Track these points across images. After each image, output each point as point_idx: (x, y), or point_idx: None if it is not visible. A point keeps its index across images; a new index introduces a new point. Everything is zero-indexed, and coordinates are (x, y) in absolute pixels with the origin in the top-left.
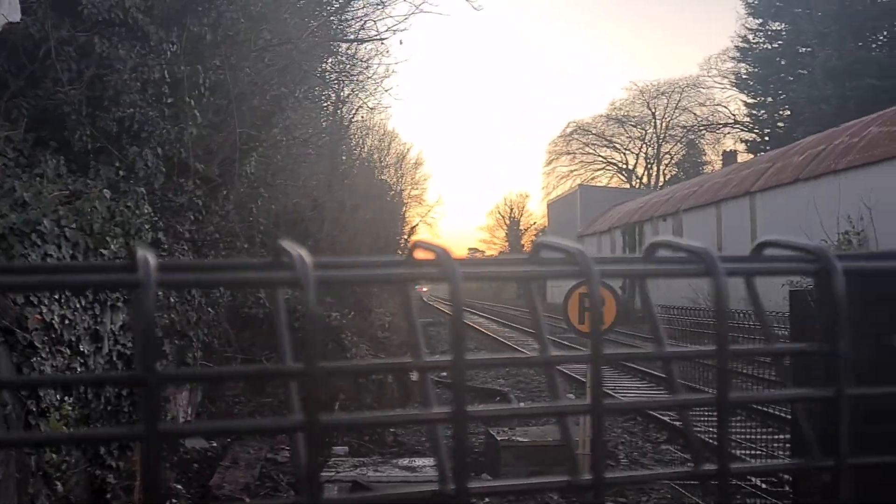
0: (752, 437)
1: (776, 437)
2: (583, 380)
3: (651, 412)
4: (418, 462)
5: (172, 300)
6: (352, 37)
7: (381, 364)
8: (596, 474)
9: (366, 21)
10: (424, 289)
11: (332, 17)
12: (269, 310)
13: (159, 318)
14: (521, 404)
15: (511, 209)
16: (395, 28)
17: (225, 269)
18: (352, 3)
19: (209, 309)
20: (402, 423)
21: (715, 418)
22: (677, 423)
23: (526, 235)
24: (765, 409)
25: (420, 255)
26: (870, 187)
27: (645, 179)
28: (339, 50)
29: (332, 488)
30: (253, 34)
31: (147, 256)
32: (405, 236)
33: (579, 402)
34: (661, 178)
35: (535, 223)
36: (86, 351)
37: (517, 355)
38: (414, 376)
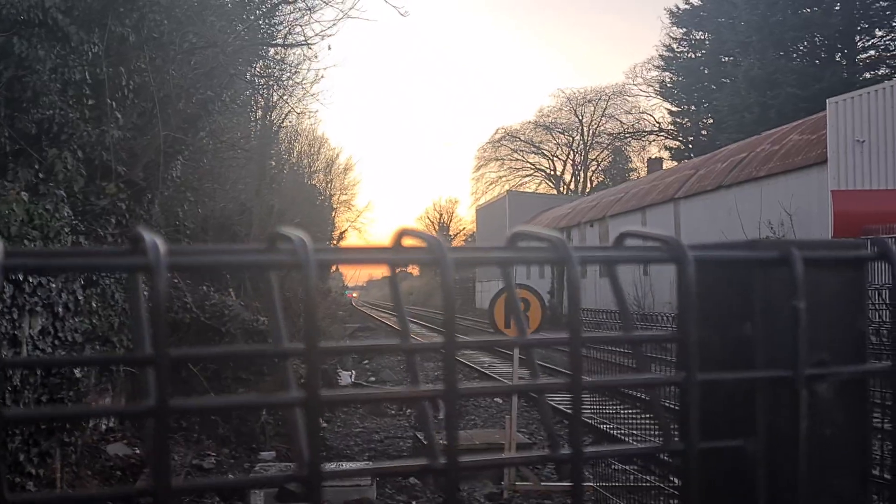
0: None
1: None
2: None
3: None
4: (346, 466)
5: (94, 305)
6: (280, 41)
7: (375, 345)
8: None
9: (294, 26)
10: (354, 294)
11: (259, 22)
12: (196, 315)
13: (80, 324)
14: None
15: (440, 215)
16: (323, 33)
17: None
18: (279, 7)
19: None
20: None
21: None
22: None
23: (455, 240)
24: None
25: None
26: (790, 193)
27: (572, 185)
28: (268, 55)
29: (258, 494)
30: (178, 37)
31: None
32: (335, 241)
33: (433, 389)
34: (589, 185)
35: (464, 228)
36: (4, 356)
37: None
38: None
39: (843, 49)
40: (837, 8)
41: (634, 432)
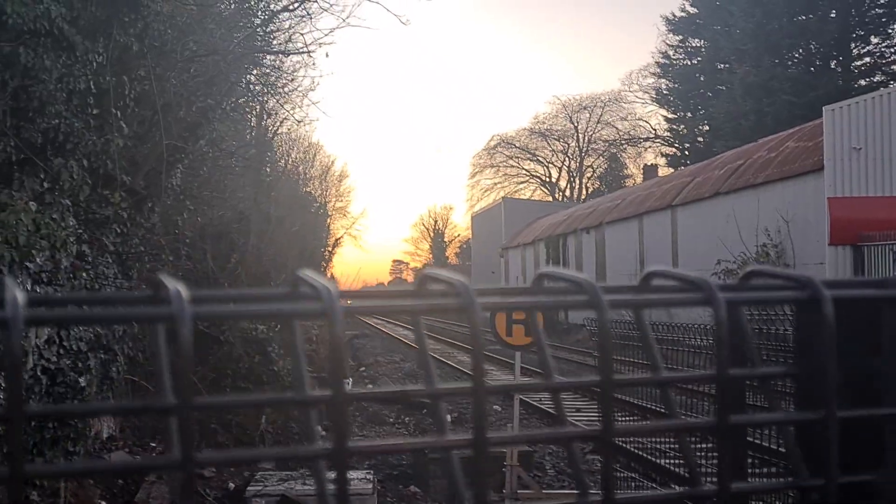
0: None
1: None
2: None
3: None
4: (348, 475)
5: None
6: (278, 49)
7: (402, 391)
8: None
9: (293, 34)
10: (349, 301)
11: (257, 29)
12: (195, 322)
13: (84, 332)
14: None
15: (435, 221)
16: (321, 41)
17: (246, 301)
18: (277, 15)
19: (133, 322)
20: (422, 448)
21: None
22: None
23: (450, 247)
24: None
25: (433, 285)
26: (787, 201)
27: (568, 192)
28: (265, 62)
29: (259, 502)
30: (179, 45)
31: (178, 289)
32: (330, 248)
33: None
34: (584, 192)
35: (459, 235)
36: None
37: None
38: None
39: (838, 56)
40: (833, 15)
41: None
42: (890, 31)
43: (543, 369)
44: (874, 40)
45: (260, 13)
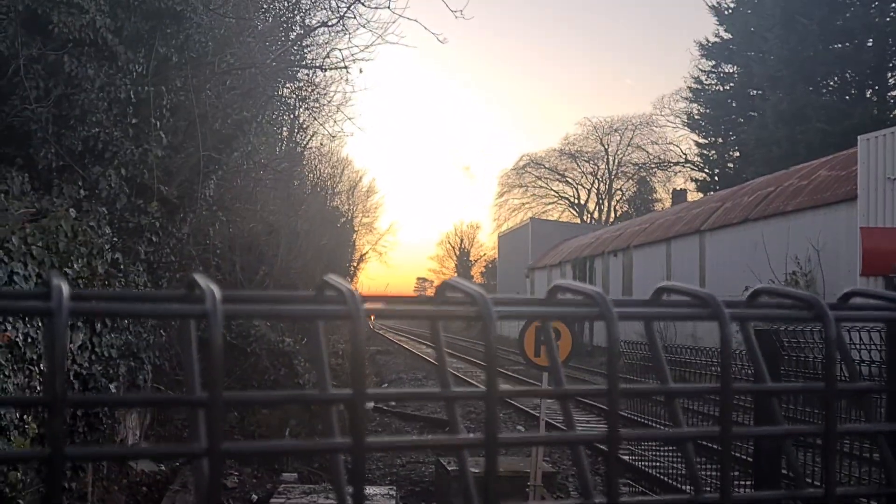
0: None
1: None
2: (534, 413)
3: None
4: (369, 490)
5: (127, 322)
6: (315, 63)
7: (416, 392)
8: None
9: (330, 50)
10: (372, 317)
11: (294, 44)
12: (223, 334)
13: (115, 339)
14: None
15: (461, 240)
16: (356, 56)
17: (276, 302)
18: (315, 30)
19: (162, 332)
20: (439, 446)
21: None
22: (631, 459)
23: (476, 267)
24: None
25: (452, 293)
26: (818, 229)
27: (596, 215)
28: (299, 76)
29: None
30: (217, 57)
31: (212, 287)
32: (355, 263)
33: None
34: (612, 214)
35: (485, 255)
36: (45, 369)
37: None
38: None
39: (873, 85)
40: (870, 44)
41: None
42: None
43: (553, 375)
44: None
45: (297, 27)
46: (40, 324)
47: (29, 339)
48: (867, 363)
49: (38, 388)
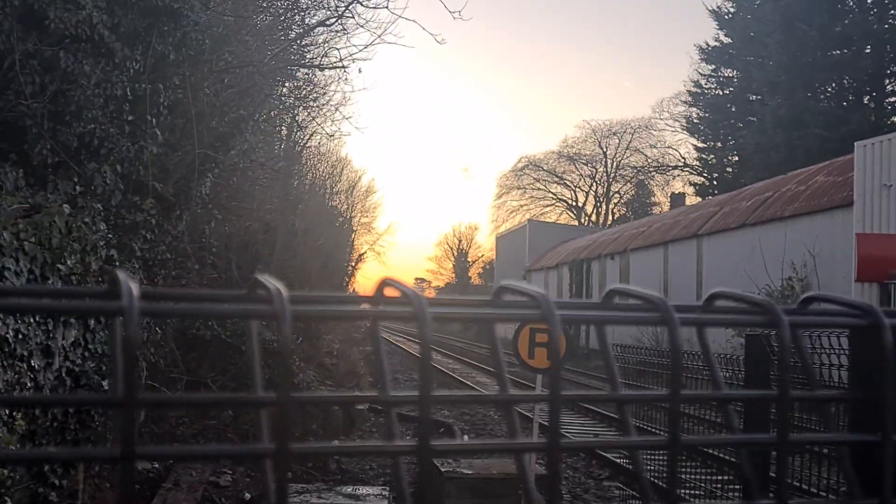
0: (697, 477)
1: (719, 478)
2: (528, 415)
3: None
4: (362, 490)
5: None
6: (313, 62)
7: (350, 396)
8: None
9: (329, 49)
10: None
11: (292, 43)
12: (217, 332)
13: (108, 336)
14: (467, 437)
15: (460, 241)
16: (355, 57)
17: (202, 300)
18: (313, 29)
19: (157, 329)
20: (370, 454)
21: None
22: (624, 462)
23: (474, 267)
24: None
25: (389, 292)
26: (815, 235)
27: (594, 217)
28: (298, 75)
29: None
30: (215, 55)
31: (131, 285)
32: (353, 263)
33: (536, 441)
34: (610, 217)
35: (482, 256)
36: (36, 366)
37: (471, 392)
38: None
39: (871, 92)
40: (868, 51)
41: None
42: None
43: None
44: None
45: (296, 27)
46: (32, 320)
47: (20, 336)
48: (841, 368)
49: (28, 385)
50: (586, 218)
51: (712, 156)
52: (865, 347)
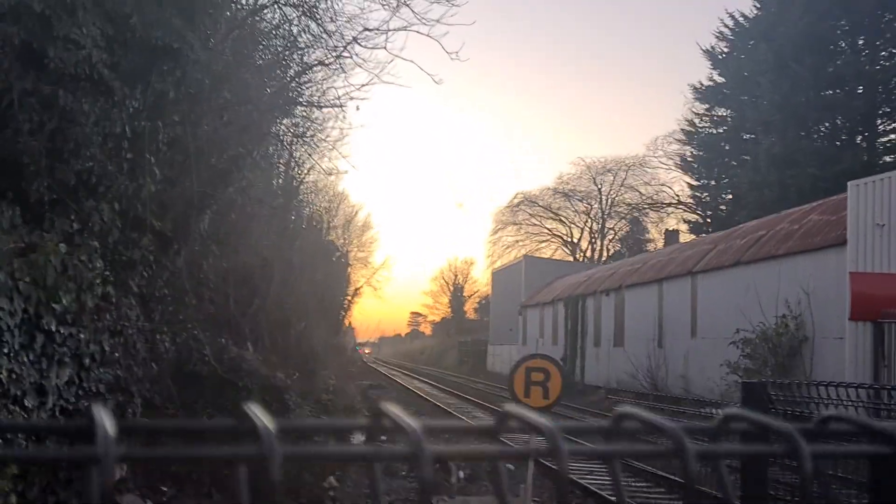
0: None
1: None
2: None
3: None
4: None
5: (117, 355)
6: (311, 101)
7: (341, 452)
8: None
9: (327, 88)
10: (367, 350)
11: (291, 82)
12: (214, 368)
13: (104, 374)
14: (461, 472)
15: (455, 275)
16: (351, 96)
17: (186, 432)
18: (312, 67)
19: (153, 364)
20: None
21: None
22: None
23: (469, 302)
24: None
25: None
26: (808, 273)
27: (589, 253)
28: (296, 112)
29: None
30: (214, 93)
31: (105, 426)
32: (349, 297)
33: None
34: (605, 253)
35: (478, 290)
36: (30, 406)
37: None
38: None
39: (863, 132)
40: (860, 91)
41: None
42: None
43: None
44: None
45: (294, 65)
46: (26, 359)
47: (13, 376)
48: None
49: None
50: (581, 254)
51: (706, 194)
52: (889, 478)
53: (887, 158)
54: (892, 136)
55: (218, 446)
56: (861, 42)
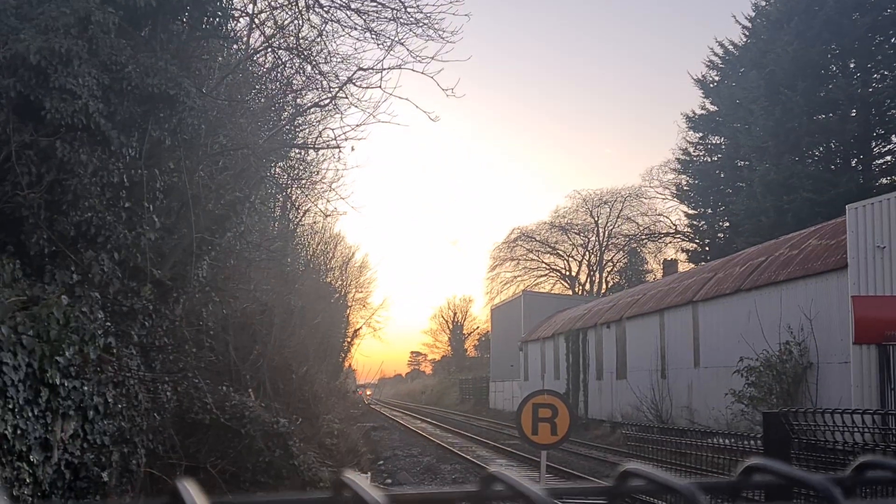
0: None
1: None
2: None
3: None
4: None
5: (120, 406)
6: (307, 143)
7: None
8: None
9: (322, 129)
10: (368, 392)
11: (286, 125)
12: (216, 416)
13: (108, 425)
14: None
15: (454, 313)
16: (349, 135)
17: None
18: (307, 109)
19: (155, 415)
20: None
21: None
22: None
23: (469, 340)
24: None
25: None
26: (810, 298)
27: (588, 286)
28: (291, 154)
29: None
30: (209, 138)
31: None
32: (349, 339)
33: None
34: (604, 286)
35: (478, 328)
36: (35, 461)
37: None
38: None
39: (858, 155)
40: (853, 114)
41: None
42: None
43: None
44: (895, 139)
45: (289, 107)
46: (31, 414)
47: (18, 431)
48: None
49: (27, 480)
50: (580, 287)
51: (703, 222)
52: None
53: (884, 181)
54: (888, 159)
55: None
56: (853, 65)
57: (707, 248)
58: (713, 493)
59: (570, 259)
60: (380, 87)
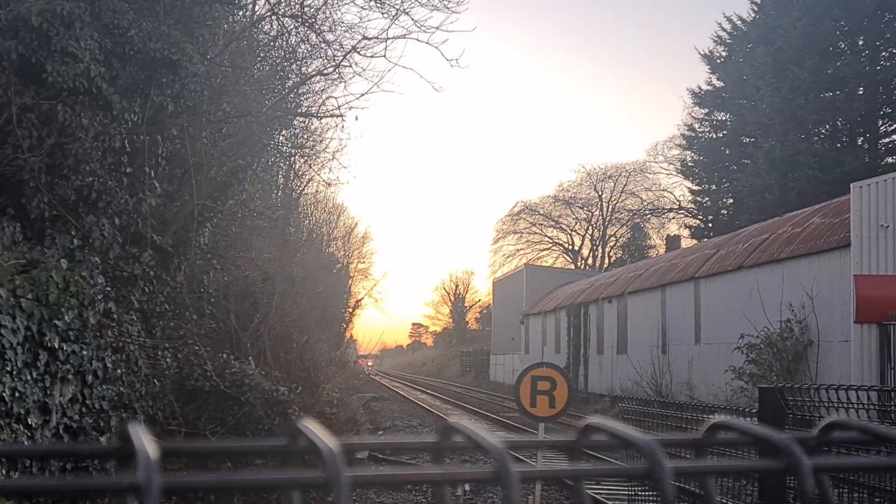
0: None
1: None
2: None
3: None
4: None
5: (119, 372)
6: (310, 111)
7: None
8: None
9: (326, 98)
10: (369, 363)
11: (290, 92)
12: (216, 383)
13: (107, 390)
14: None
15: (456, 286)
16: (352, 104)
17: (229, 454)
18: (311, 78)
19: (155, 381)
20: None
21: None
22: None
23: (470, 312)
24: None
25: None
26: (812, 276)
27: (590, 261)
28: (294, 123)
29: None
30: (213, 105)
31: (148, 453)
32: (351, 310)
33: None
34: (607, 260)
35: (479, 300)
36: (33, 424)
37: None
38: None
39: (865, 133)
40: (861, 92)
41: None
42: None
43: None
44: None
45: (293, 76)
46: (29, 377)
47: (16, 394)
48: None
49: (25, 443)
50: (583, 261)
51: (707, 198)
52: None
53: (889, 160)
54: (894, 137)
55: (276, 470)
56: (861, 43)
57: (710, 225)
58: (678, 449)
59: (574, 233)
60: (384, 56)
